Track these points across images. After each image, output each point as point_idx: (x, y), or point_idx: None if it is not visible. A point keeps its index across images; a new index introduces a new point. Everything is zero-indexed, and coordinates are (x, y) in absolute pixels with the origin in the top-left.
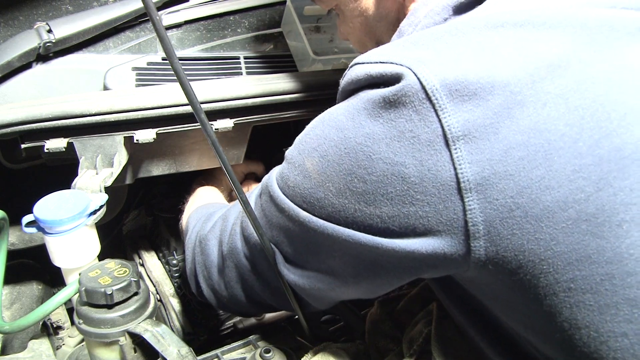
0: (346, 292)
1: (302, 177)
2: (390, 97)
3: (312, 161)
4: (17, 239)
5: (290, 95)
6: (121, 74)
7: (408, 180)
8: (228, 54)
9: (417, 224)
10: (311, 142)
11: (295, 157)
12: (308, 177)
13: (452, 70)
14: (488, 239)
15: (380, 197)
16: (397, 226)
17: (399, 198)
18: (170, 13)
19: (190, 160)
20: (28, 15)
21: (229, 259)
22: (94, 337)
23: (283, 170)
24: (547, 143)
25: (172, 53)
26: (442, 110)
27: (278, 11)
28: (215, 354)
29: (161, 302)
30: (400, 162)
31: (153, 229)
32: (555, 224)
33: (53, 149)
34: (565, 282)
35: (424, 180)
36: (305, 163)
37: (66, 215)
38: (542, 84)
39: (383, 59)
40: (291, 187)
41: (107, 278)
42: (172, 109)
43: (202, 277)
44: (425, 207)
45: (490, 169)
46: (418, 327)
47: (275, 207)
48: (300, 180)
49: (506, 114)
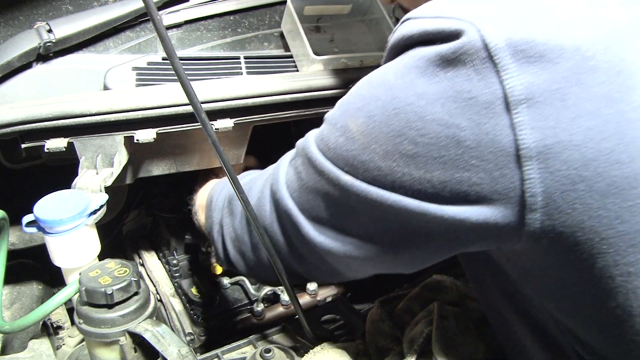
0: (383, 264)
1: (345, 138)
2: (447, 54)
3: (356, 122)
4: (17, 239)
5: (290, 95)
6: (121, 74)
7: (463, 144)
8: (228, 54)
9: (470, 191)
10: (356, 102)
11: (337, 118)
12: (352, 139)
13: (519, 29)
14: (545, 212)
15: (431, 161)
16: (448, 192)
17: (452, 162)
18: (171, 13)
19: (190, 160)
20: (28, 15)
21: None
22: (94, 337)
23: (322, 132)
24: (620, 114)
25: (173, 53)
26: (505, 71)
27: (278, 11)
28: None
29: (161, 302)
30: (456, 124)
31: (153, 229)
32: (622, 202)
33: (53, 149)
34: (625, 265)
35: (481, 144)
36: (349, 124)
37: (66, 215)
38: (616, 51)
39: (442, 14)
40: (332, 149)
41: (107, 278)
42: (173, 109)
43: (229, 239)
44: (480, 174)
45: (554, 137)
46: (419, 327)
47: (314, 169)
48: (343, 142)
49: (575, 79)
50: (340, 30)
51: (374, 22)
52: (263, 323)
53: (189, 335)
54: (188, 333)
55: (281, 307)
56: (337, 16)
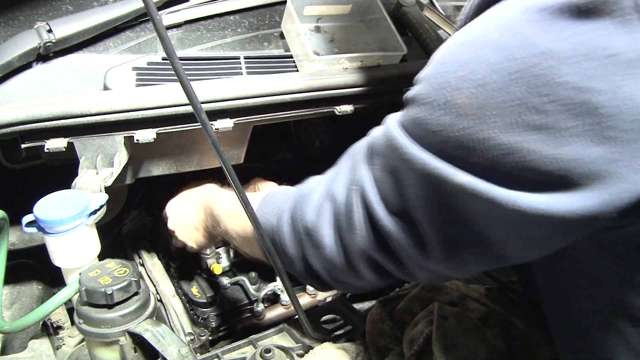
0: (495, 264)
1: (452, 116)
2: (583, 3)
3: (464, 93)
4: (17, 239)
5: (290, 95)
6: (121, 74)
7: (598, 112)
8: (228, 54)
9: (602, 170)
10: (455, 71)
11: (431, 94)
12: (461, 115)
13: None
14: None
15: (562, 133)
16: (578, 174)
17: (585, 134)
18: (171, 13)
19: (190, 160)
20: (28, 15)
21: (352, 247)
22: (94, 337)
23: (414, 116)
24: None
25: (173, 53)
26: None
27: (278, 11)
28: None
29: (161, 302)
30: (590, 88)
31: (153, 229)
32: None
33: (53, 149)
34: None
35: (621, 112)
36: (454, 98)
37: (66, 215)
38: None
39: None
40: (435, 134)
41: (107, 278)
42: (173, 109)
43: (324, 271)
44: (617, 147)
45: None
46: (419, 327)
47: (407, 166)
48: (450, 121)
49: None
50: (340, 30)
51: (374, 22)
52: (263, 323)
53: (189, 335)
54: (188, 333)
55: (281, 307)
56: (337, 16)
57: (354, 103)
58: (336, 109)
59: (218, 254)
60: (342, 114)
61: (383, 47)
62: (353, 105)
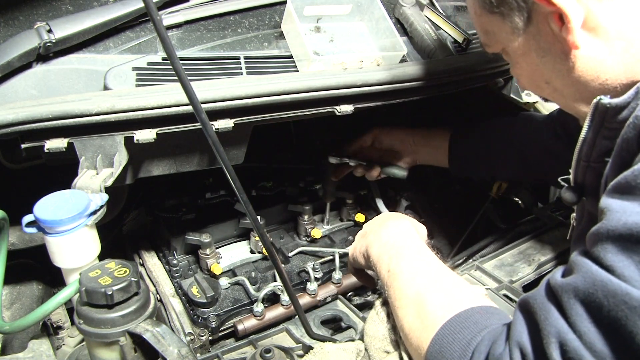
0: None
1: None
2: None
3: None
4: (17, 239)
5: (290, 95)
6: (121, 74)
7: None
8: (228, 54)
9: None
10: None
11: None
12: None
13: None
14: None
15: None
16: None
17: None
18: (171, 13)
19: (190, 160)
20: (28, 15)
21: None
22: (94, 337)
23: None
24: None
25: (173, 53)
26: None
27: (278, 11)
28: (216, 354)
29: (161, 302)
30: None
31: (153, 229)
32: None
33: (53, 149)
34: None
35: None
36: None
37: (66, 215)
38: None
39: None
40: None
41: (107, 278)
42: (173, 109)
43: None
44: None
45: None
46: None
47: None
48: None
49: None
50: (340, 30)
51: (374, 22)
52: (263, 323)
53: (189, 335)
54: (188, 333)
55: (281, 307)
56: (337, 16)
57: (354, 103)
58: (336, 109)
59: (218, 254)
60: (342, 114)
61: (383, 47)
62: (353, 105)
